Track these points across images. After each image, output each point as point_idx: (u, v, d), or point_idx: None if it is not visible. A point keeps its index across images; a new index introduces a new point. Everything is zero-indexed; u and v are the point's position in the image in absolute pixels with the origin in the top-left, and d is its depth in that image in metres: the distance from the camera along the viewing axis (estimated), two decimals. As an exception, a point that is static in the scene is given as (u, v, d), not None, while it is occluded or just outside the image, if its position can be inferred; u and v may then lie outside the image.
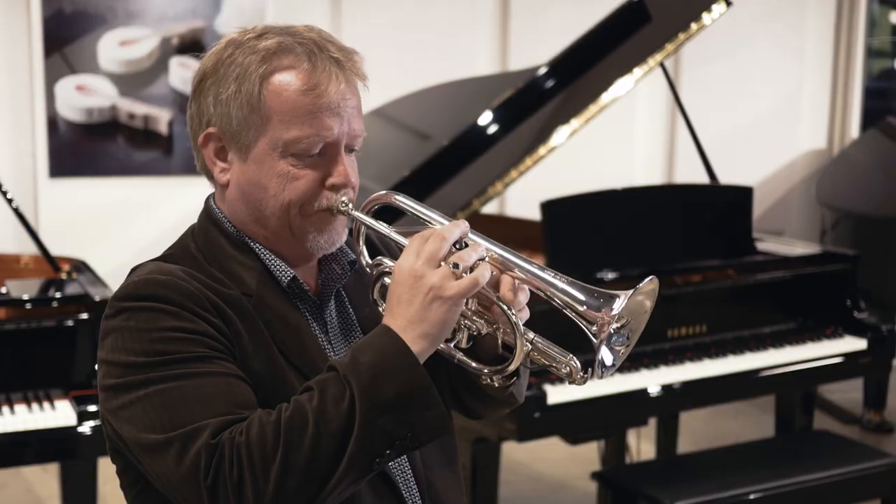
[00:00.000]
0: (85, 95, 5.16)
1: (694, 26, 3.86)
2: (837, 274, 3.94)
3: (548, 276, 1.46)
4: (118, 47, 5.17)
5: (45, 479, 4.53)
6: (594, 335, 1.42)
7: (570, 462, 4.76)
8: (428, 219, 1.53)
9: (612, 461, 3.95)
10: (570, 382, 1.49)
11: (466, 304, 1.51)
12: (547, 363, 1.50)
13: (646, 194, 3.90)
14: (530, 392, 3.17)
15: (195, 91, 1.57)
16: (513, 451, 4.79)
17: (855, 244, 4.85)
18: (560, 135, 3.69)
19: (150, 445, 1.41)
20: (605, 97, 3.75)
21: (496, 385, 1.56)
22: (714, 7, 3.87)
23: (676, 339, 3.58)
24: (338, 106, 1.52)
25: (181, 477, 1.37)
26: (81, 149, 5.19)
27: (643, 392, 3.38)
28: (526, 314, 1.50)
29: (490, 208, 5.54)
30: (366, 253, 1.61)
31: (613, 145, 5.80)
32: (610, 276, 3.47)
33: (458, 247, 1.46)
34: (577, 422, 3.35)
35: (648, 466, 3.69)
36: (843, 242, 4.99)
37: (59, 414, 3.05)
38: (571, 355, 1.49)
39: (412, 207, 1.55)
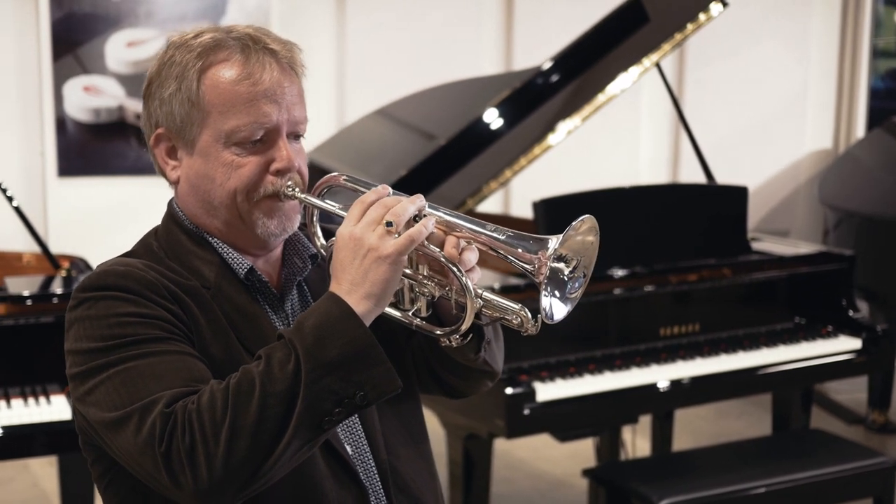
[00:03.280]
0: (92, 96, 5.23)
1: (690, 26, 3.88)
2: (833, 273, 3.94)
3: (489, 230, 1.50)
4: (125, 48, 5.24)
5: (51, 474, 4.58)
6: (533, 275, 1.45)
7: (571, 460, 4.78)
8: None
9: (607, 458, 3.97)
10: (523, 333, 1.51)
11: (417, 268, 1.55)
12: (499, 316, 1.52)
13: (640, 194, 3.89)
14: (520, 389, 3.20)
15: (144, 96, 1.64)
16: (514, 449, 4.82)
17: (858, 244, 4.84)
18: (557, 134, 3.71)
19: (112, 422, 1.46)
20: (602, 97, 3.77)
21: (454, 346, 1.57)
22: (711, 7, 3.89)
23: (669, 337, 3.59)
24: (274, 93, 1.57)
25: (139, 448, 1.42)
26: (89, 149, 5.27)
27: (634, 390, 3.39)
28: (477, 274, 1.53)
29: (495, 208, 5.57)
30: (320, 234, 1.66)
31: (618, 145, 5.81)
32: (618, 273, 3.49)
33: None
34: (566, 419, 3.36)
35: (641, 464, 3.70)
36: (846, 243, 4.97)
37: (55, 409, 3.11)
38: (521, 305, 1.51)
39: (361, 187, 1.58)
